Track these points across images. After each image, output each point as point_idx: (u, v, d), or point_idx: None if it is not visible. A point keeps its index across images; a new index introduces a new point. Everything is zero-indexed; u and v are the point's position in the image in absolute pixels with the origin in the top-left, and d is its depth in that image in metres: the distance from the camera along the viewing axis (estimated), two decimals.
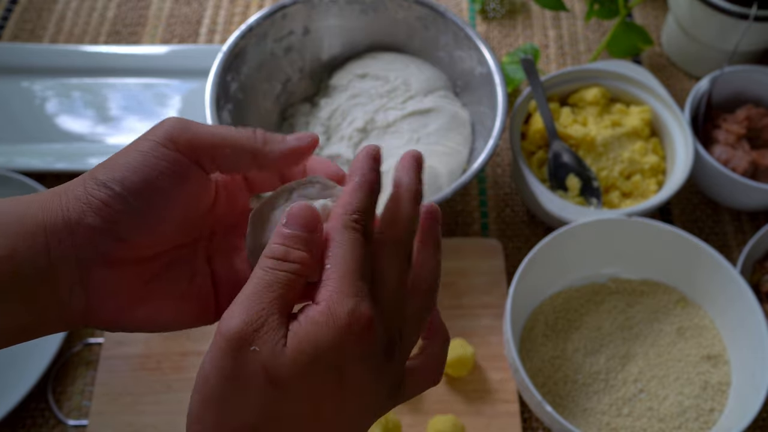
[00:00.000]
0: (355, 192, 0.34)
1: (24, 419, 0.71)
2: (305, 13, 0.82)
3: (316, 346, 0.30)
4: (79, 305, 0.33)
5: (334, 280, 0.32)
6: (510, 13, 1.03)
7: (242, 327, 0.30)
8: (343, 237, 0.33)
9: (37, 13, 1.04)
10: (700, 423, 0.67)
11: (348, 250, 0.32)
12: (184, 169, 0.34)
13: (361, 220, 0.33)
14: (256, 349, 0.30)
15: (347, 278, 0.32)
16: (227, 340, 0.30)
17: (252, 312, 0.31)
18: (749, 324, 0.68)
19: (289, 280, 0.32)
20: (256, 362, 0.30)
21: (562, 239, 0.71)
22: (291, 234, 0.32)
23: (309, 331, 0.31)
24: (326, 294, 0.31)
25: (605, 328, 0.73)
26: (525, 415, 0.71)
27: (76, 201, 0.33)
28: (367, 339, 0.31)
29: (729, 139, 0.81)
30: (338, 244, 0.33)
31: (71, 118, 0.91)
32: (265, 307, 0.31)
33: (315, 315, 0.31)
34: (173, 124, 0.34)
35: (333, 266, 0.32)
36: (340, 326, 0.31)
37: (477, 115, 0.81)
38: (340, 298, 0.31)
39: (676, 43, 0.95)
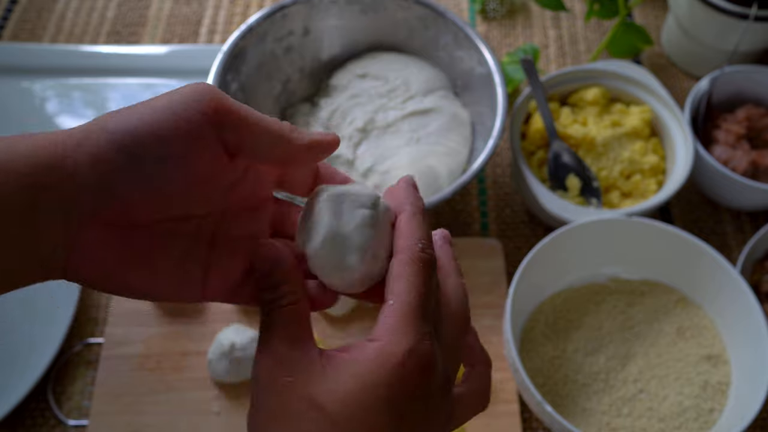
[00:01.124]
0: (414, 219, 0.34)
1: (24, 419, 0.71)
2: (305, 13, 0.82)
3: (366, 379, 0.30)
4: (59, 263, 0.30)
5: (393, 318, 0.31)
6: (510, 13, 1.03)
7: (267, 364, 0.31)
8: (409, 271, 0.32)
9: (37, 13, 1.04)
10: (700, 423, 0.67)
11: (413, 286, 0.32)
12: (204, 135, 0.31)
13: (427, 248, 0.33)
14: (289, 379, 0.30)
15: (410, 315, 0.31)
16: (260, 383, 0.31)
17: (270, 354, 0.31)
18: (749, 324, 0.68)
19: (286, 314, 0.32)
20: (294, 392, 0.30)
21: (562, 239, 0.71)
22: (264, 279, 0.33)
23: (356, 363, 0.30)
24: (382, 332, 0.31)
25: (605, 328, 0.73)
26: (525, 415, 0.71)
27: (74, 149, 0.29)
28: (429, 379, 0.31)
29: (729, 139, 0.81)
30: (404, 279, 0.32)
31: (71, 118, 0.91)
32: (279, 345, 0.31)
33: (367, 352, 0.30)
34: (203, 87, 0.31)
35: (394, 303, 0.31)
36: (395, 365, 0.30)
37: (477, 115, 0.81)
38: (399, 337, 0.31)
39: (676, 43, 0.95)
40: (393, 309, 0.31)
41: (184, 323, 0.75)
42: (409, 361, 0.30)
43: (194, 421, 0.69)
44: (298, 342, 0.32)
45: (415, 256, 0.32)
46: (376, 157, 0.79)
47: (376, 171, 0.78)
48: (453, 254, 0.37)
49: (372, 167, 0.78)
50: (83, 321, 0.76)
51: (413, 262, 0.32)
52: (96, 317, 0.77)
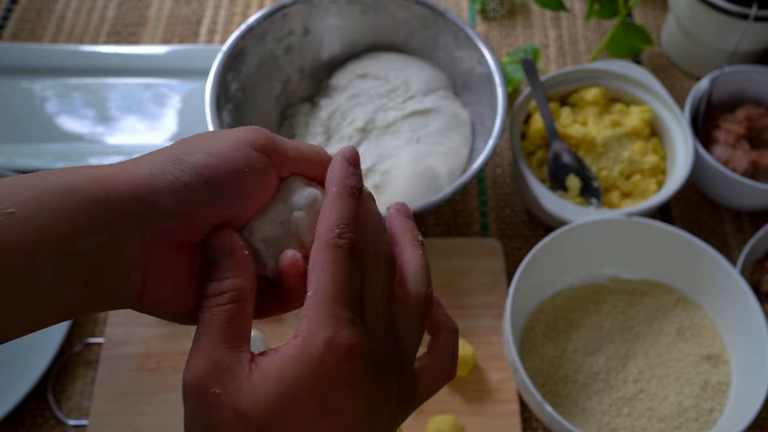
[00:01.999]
0: (334, 203, 0.33)
1: (24, 419, 0.71)
2: (305, 13, 0.82)
3: (286, 380, 0.30)
4: (135, 286, 0.32)
5: (312, 309, 0.31)
6: (510, 13, 1.03)
7: (198, 374, 0.30)
8: (324, 258, 0.32)
9: (37, 13, 1.04)
10: (700, 423, 0.67)
11: (328, 274, 0.31)
12: (268, 173, 0.34)
13: (345, 233, 0.32)
14: (217, 391, 0.30)
15: (324, 306, 0.31)
16: (188, 393, 0.30)
17: (204, 357, 0.30)
18: (749, 324, 0.68)
19: (229, 313, 0.31)
20: (222, 404, 0.29)
21: (562, 239, 0.71)
22: (216, 263, 0.32)
23: (280, 364, 0.30)
24: (303, 326, 0.31)
25: (605, 328, 0.73)
26: (525, 415, 0.71)
27: (151, 177, 0.32)
28: (353, 368, 0.30)
29: (729, 139, 0.81)
30: (319, 268, 0.31)
31: (71, 118, 0.91)
32: (215, 348, 0.30)
33: (287, 347, 0.30)
34: (260, 131, 0.34)
35: (313, 294, 0.31)
36: (314, 359, 0.30)
37: (477, 115, 0.81)
38: (314, 328, 0.30)
39: (676, 43, 0.95)
40: (311, 300, 0.31)
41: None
42: (329, 352, 0.30)
43: None
44: (232, 347, 0.31)
45: (330, 242, 0.32)
46: (376, 157, 0.79)
47: (376, 171, 0.78)
48: (409, 226, 0.36)
49: (372, 167, 0.78)
50: (83, 321, 0.76)
51: (328, 248, 0.32)
52: (96, 317, 0.77)
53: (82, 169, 0.31)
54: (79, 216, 0.29)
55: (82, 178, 0.30)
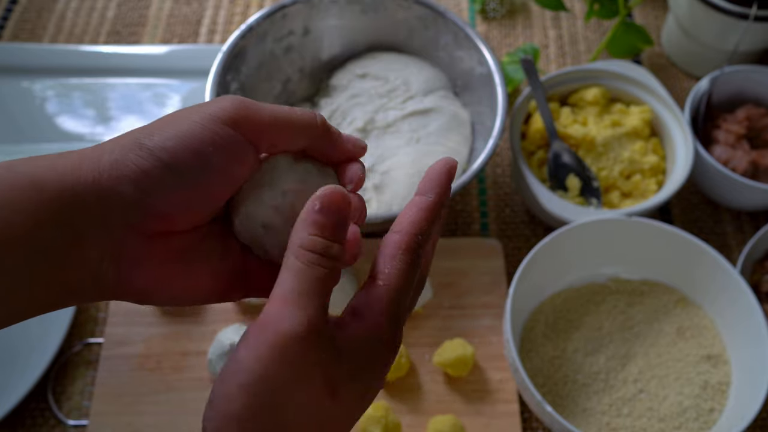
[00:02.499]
0: (427, 212, 0.33)
1: (24, 419, 0.71)
2: (305, 13, 0.82)
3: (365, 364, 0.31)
4: (110, 277, 0.31)
5: (383, 302, 0.31)
6: (510, 13, 1.03)
7: (306, 325, 0.29)
8: (404, 259, 0.32)
9: (37, 13, 1.04)
10: (700, 423, 0.67)
11: (404, 275, 0.32)
12: (240, 149, 0.32)
13: (423, 242, 0.33)
14: (318, 353, 0.29)
15: (394, 304, 0.32)
16: (288, 342, 0.29)
17: (310, 312, 0.29)
18: (749, 324, 0.68)
19: (330, 277, 0.30)
20: (317, 368, 0.29)
21: (562, 239, 0.71)
22: (330, 224, 0.30)
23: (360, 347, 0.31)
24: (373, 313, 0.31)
25: (605, 328, 0.73)
26: (525, 415, 0.71)
27: (111, 166, 0.31)
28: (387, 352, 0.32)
29: (729, 139, 0.81)
30: (398, 264, 0.32)
31: (71, 118, 0.91)
32: (320, 307, 0.30)
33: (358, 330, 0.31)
34: (232, 102, 0.33)
35: (385, 286, 0.32)
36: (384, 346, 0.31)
37: (477, 115, 0.81)
38: (387, 324, 0.31)
39: (676, 43, 0.95)
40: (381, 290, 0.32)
41: (184, 323, 0.75)
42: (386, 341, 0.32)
43: (194, 421, 0.69)
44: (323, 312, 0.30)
45: (412, 245, 0.32)
46: (376, 157, 0.79)
47: (377, 171, 0.78)
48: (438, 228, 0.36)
49: (372, 167, 0.78)
50: (83, 321, 0.76)
51: (410, 250, 0.32)
52: (96, 317, 0.77)
53: (49, 158, 0.31)
54: (41, 209, 0.29)
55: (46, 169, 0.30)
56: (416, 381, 0.72)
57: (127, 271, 0.32)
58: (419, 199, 0.33)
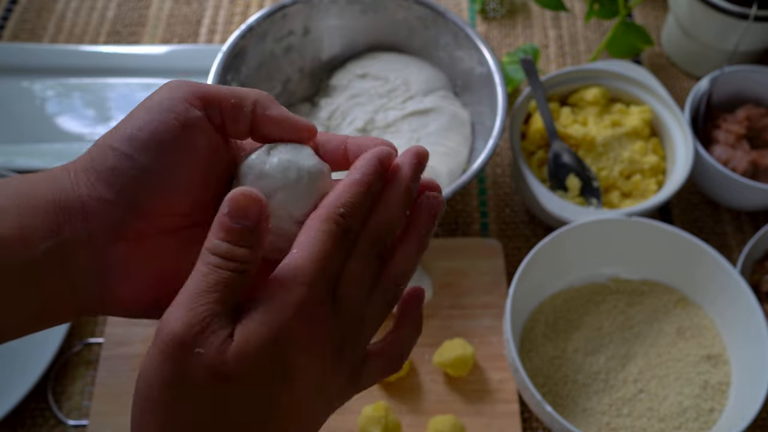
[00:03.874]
0: (350, 187, 0.33)
1: (24, 419, 0.71)
2: (305, 13, 0.82)
3: (260, 336, 0.29)
4: (92, 288, 0.31)
5: (293, 266, 0.30)
6: (510, 13, 1.03)
7: (185, 330, 0.29)
8: (319, 226, 0.31)
9: (37, 13, 1.04)
10: (700, 423, 0.67)
11: (319, 241, 0.31)
12: (195, 122, 0.32)
13: (347, 216, 0.32)
14: (201, 351, 0.29)
15: (307, 267, 0.30)
16: (169, 345, 0.29)
17: (195, 314, 0.29)
18: (749, 324, 0.68)
19: (233, 280, 0.30)
20: (201, 365, 0.29)
21: (562, 239, 0.71)
22: (236, 228, 0.30)
23: (257, 321, 0.30)
24: (279, 277, 0.30)
25: (605, 328, 0.73)
26: (525, 415, 0.71)
27: (84, 172, 0.31)
28: (315, 330, 0.31)
29: (729, 139, 0.81)
30: (313, 232, 0.31)
31: (71, 118, 0.91)
32: (209, 309, 0.29)
33: (265, 300, 0.30)
34: (179, 81, 0.34)
35: (298, 252, 0.31)
36: (287, 314, 0.30)
37: (477, 115, 0.81)
38: (293, 285, 0.30)
39: (676, 43, 0.95)
40: (293, 257, 0.31)
41: None
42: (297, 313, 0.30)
43: None
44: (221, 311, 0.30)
45: (331, 217, 0.31)
46: None
47: None
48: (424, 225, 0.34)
49: None
50: (83, 321, 0.76)
51: (327, 220, 0.31)
52: (96, 317, 0.77)
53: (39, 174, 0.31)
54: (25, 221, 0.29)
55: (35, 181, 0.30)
56: (416, 381, 0.72)
57: (110, 283, 0.32)
58: (347, 176, 0.33)
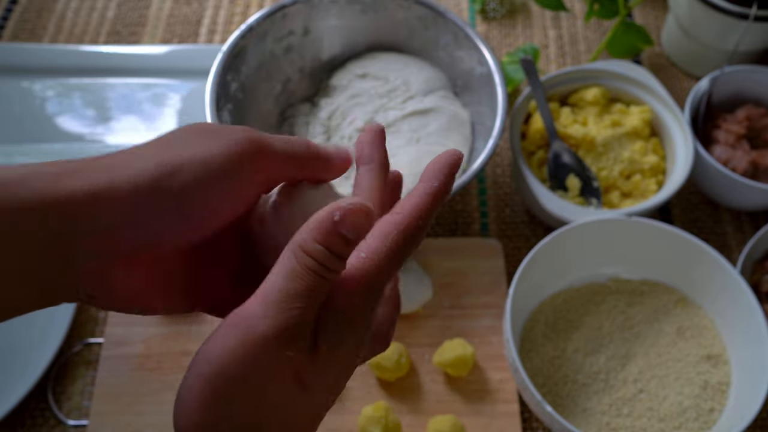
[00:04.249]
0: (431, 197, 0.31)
1: (24, 419, 0.71)
2: (305, 13, 0.82)
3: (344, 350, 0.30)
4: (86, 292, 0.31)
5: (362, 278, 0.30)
6: (510, 13, 1.03)
7: (282, 330, 0.28)
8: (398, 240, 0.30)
9: (37, 13, 1.04)
10: (700, 423, 0.67)
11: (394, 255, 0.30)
12: (245, 193, 0.31)
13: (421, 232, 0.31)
14: (291, 354, 0.28)
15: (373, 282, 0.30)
16: (258, 345, 0.28)
17: (293, 314, 0.28)
18: (749, 324, 0.68)
19: (324, 288, 0.29)
20: (290, 367, 0.28)
21: (562, 239, 0.71)
22: (346, 239, 0.28)
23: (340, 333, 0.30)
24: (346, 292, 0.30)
25: (605, 328, 0.73)
26: (525, 415, 0.71)
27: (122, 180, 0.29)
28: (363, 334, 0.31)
29: (729, 139, 0.81)
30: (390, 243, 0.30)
31: (71, 118, 0.91)
32: (302, 314, 0.28)
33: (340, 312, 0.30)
34: (249, 140, 0.31)
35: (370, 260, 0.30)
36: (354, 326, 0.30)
37: (477, 115, 0.81)
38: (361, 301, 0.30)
39: (676, 43, 0.95)
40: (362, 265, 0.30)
41: (184, 323, 0.75)
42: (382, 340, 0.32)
43: None
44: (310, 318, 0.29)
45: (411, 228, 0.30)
46: None
47: None
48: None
49: None
50: (83, 321, 0.76)
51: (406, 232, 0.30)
52: (96, 317, 0.77)
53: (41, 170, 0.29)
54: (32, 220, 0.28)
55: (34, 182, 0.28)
56: (416, 381, 0.72)
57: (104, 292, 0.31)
58: (423, 185, 0.31)
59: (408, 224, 0.30)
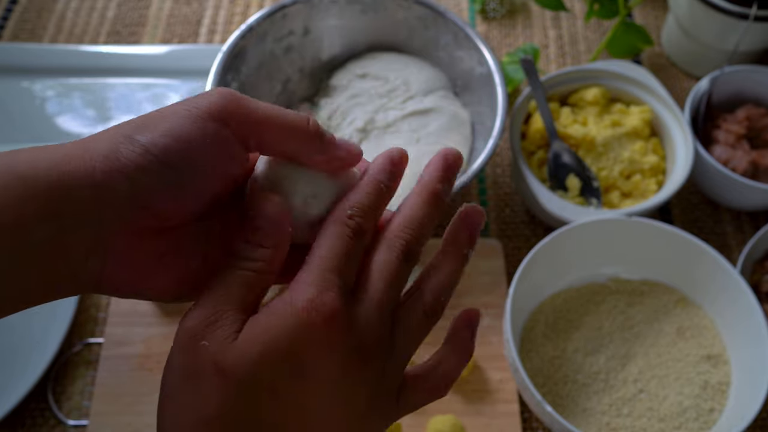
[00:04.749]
0: (358, 189, 0.34)
1: (24, 419, 0.71)
2: (305, 13, 0.82)
3: (269, 335, 0.30)
4: (93, 273, 0.31)
5: (305, 271, 0.31)
6: (510, 13, 1.03)
7: (196, 323, 0.30)
8: (328, 230, 0.32)
9: (37, 13, 1.04)
10: (700, 423, 0.67)
11: (328, 243, 0.32)
12: (229, 148, 0.32)
13: (355, 216, 0.33)
14: (206, 343, 0.30)
15: (317, 269, 0.31)
16: (181, 337, 0.31)
17: (207, 308, 0.30)
18: (749, 324, 0.68)
19: (249, 279, 0.31)
20: (206, 356, 0.30)
21: (562, 239, 0.71)
22: (260, 230, 0.31)
23: (265, 320, 0.30)
24: (293, 286, 0.31)
25: (605, 328, 0.73)
26: (525, 415, 0.71)
27: (104, 160, 0.30)
28: (331, 330, 0.30)
29: (729, 139, 0.81)
30: (323, 237, 0.32)
31: (71, 118, 0.91)
32: (220, 304, 0.30)
33: (275, 304, 0.31)
34: (224, 96, 0.32)
35: (309, 257, 0.32)
36: (297, 314, 0.30)
37: (477, 115, 0.81)
38: (303, 287, 0.31)
39: (676, 43, 0.95)
40: (306, 263, 0.32)
41: None
42: (311, 309, 0.30)
43: None
44: (237, 308, 0.31)
45: (340, 218, 0.32)
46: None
47: None
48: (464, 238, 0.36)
49: None
50: (83, 321, 0.76)
51: (335, 222, 0.32)
52: (96, 317, 0.77)
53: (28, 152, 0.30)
54: (28, 203, 0.28)
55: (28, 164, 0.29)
56: None
57: (111, 268, 0.31)
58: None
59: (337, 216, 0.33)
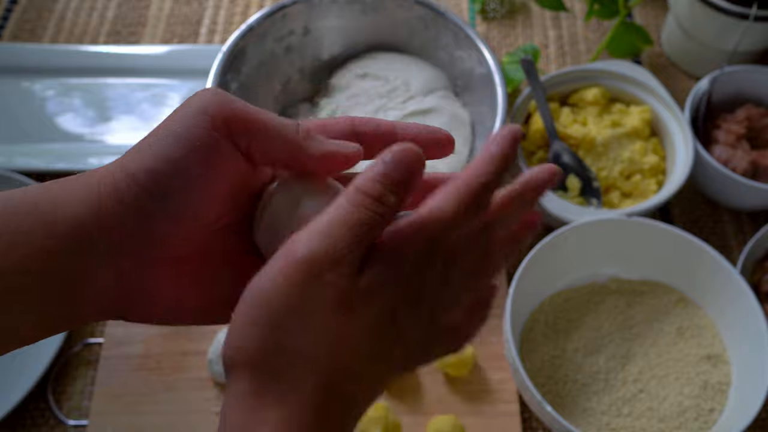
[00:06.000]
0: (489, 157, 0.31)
1: (24, 419, 0.71)
2: (305, 13, 0.82)
3: (387, 279, 0.29)
4: (112, 305, 0.31)
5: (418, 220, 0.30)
6: (510, 13, 1.03)
7: (321, 257, 0.28)
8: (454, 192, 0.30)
9: (37, 13, 1.04)
10: (700, 423, 0.67)
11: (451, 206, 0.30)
12: (220, 150, 0.31)
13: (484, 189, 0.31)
14: (333, 279, 0.28)
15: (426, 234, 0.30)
16: (300, 270, 0.28)
17: (333, 243, 0.28)
18: (749, 324, 0.68)
19: (377, 224, 0.29)
20: (330, 293, 0.28)
21: (562, 239, 0.71)
22: (394, 177, 0.29)
23: (384, 263, 0.29)
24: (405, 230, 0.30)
25: (605, 328, 0.73)
26: (525, 415, 0.71)
27: (108, 197, 0.30)
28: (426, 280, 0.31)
29: (729, 139, 0.81)
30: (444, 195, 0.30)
31: (71, 118, 0.91)
32: (347, 241, 0.28)
33: (390, 248, 0.30)
34: (210, 99, 0.31)
35: (420, 214, 0.30)
36: (408, 262, 0.30)
37: (477, 115, 0.81)
38: (417, 237, 0.30)
39: (676, 43, 0.95)
40: (416, 218, 0.30)
41: None
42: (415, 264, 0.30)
43: (194, 421, 0.69)
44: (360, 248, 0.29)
45: (469, 181, 0.31)
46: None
47: None
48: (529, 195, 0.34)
49: None
50: None
51: (464, 185, 0.31)
52: None
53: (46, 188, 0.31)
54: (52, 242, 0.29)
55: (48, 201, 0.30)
56: (416, 381, 0.72)
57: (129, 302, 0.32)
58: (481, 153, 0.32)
59: (467, 183, 0.30)
